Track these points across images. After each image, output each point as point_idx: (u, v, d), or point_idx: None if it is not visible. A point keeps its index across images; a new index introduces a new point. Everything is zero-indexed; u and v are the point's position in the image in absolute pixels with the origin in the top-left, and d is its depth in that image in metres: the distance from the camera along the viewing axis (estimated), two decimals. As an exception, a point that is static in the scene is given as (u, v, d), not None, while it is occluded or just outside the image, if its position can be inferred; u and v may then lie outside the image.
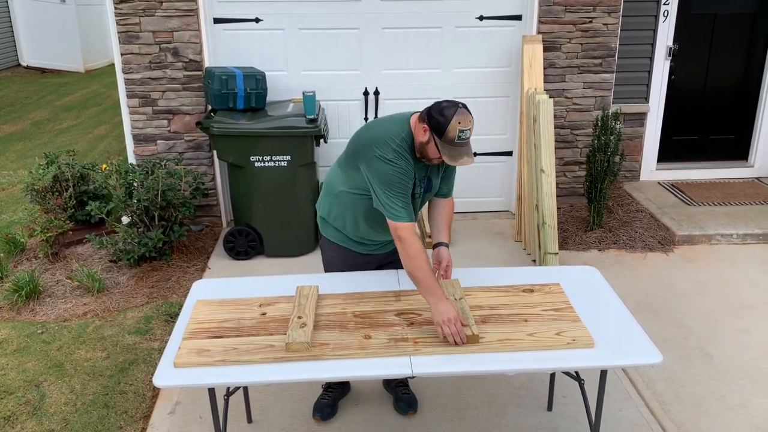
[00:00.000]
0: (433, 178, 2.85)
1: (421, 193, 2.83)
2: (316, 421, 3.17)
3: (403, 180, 2.65)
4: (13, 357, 3.73)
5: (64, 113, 9.54)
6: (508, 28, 5.20)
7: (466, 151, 2.61)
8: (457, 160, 2.58)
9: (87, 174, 5.12)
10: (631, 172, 6.07)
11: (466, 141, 2.59)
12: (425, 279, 2.56)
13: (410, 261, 2.60)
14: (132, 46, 4.90)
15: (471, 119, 2.59)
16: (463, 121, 2.56)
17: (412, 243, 2.61)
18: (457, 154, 2.58)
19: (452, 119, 2.55)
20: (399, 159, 2.65)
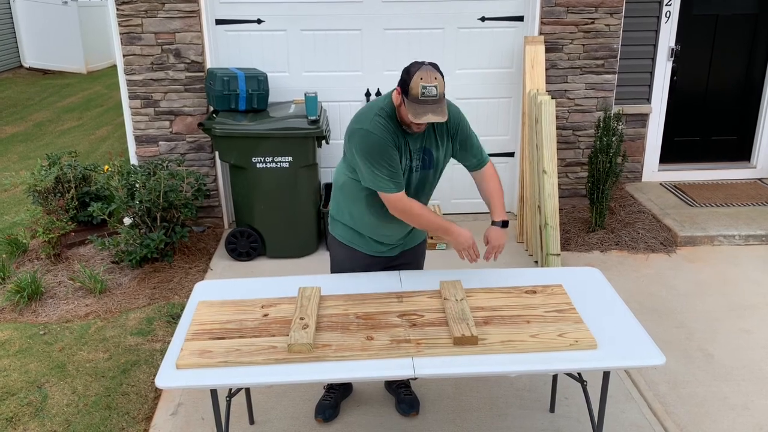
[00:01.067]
0: (434, 150, 2.77)
1: (418, 167, 2.75)
2: (318, 422, 3.17)
3: (383, 149, 2.62)
4: (15, 358, 3.74)
5: (66, 114, 9.55)
6: (510, 29, 5.20)
7: (433, 108, 2.53)
8: (421, 117, 2.52)
9: (89, 175, 5.13)
10: (633, 173, 6.06)
11: (431, 98, 2.53)
12: (436, 227, 2.77)
13: (417, 221, 2.73)
14: (134, 47, 4.90)
15: (436, 76, 2.53)
16: (426, 77, 2.52)
17: (410, 206, 2.69)
18: (422, 111, 2.53)
19: (414, 75, 2.53)
20: (376, 128, 2.63)
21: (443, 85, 2.57)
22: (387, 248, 3.00)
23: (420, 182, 2.83)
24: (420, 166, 2.77)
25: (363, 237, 2.96)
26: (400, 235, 2.98)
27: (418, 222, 2.74)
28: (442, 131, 2.77)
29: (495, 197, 2.94)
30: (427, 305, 2.71)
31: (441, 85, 2.55)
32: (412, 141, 2.72)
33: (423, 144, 2.74)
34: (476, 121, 5.40)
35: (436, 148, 2.78)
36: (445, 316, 2.62)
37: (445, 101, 2.59)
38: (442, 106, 2.56)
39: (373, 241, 2.97)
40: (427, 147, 2.75)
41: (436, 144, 2.77)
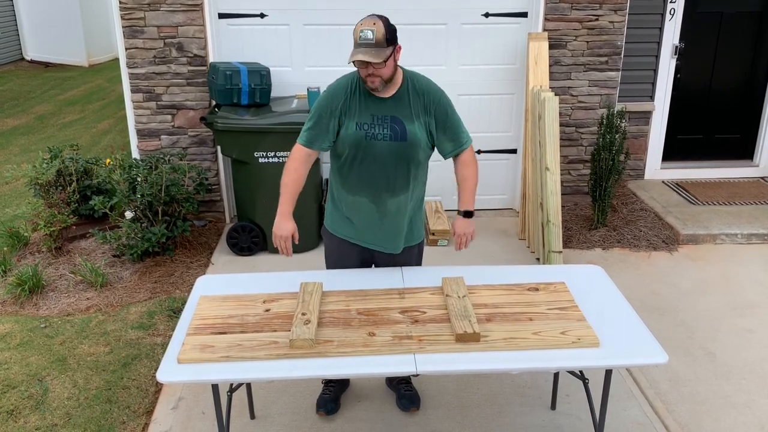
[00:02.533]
0: (407, 122, 2.73)
1: (387, 136, 2.72)
2: (320, 416, 3.17)
3: (321, 102, 2.76)
4: (16, 351, 3.74)
5: (67, 107, 9.54)
6: (513, 25, 5.19)
7: (366, 50, 2.58)
8: (353, 56, 2.59)
9: (90, 168, 5.12)
10: (636, 171, 6.05)
11: (366, 41, 2.58)
12: (282, 193, 2.85)
13: (283, 174, 2.85)
14: (136, 41, 4.89)
15: (375, 22, 2.59)
16: (364, 22, 2.61)
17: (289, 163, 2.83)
18: (355, 53, 2.60)
19: (357, 24, 2.63)
20: (333, 85, 2.77)
21: (382, 31, 2.59)
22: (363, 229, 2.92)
23: (394, 153, 2.75)
24: (389, 135, 2.73)
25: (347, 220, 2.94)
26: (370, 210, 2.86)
27: (284, 173, 2.85)
28: (417, 104, 2.75)
29: (465, 185, 2.91)
30: (429, 302, 2.71)
31: (379, 30, 2.58)
32: (376, 105, 2.72)
33: (393, 112, 2.73)
34: (479, 117, 5.39)
35: (409, 120, 2.74)
36: (447, 312, 2.61)
37: (384, 48, 2.60)
38: (377, 49, 2.59)
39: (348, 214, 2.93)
40: (397, 117, 2.73)
41: (409, 115, 2.74)
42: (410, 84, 2.77)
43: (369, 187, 2.82)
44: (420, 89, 2.77)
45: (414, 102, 2.75)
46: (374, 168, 2.78)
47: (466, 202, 2.93)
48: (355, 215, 2.92)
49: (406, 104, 2.74)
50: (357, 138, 2.73)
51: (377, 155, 2.75)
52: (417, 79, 2.80)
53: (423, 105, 2.75)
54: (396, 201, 2.85)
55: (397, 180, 2.81)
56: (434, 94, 2.78)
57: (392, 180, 2.80)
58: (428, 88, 2.79)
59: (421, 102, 2.75)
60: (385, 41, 2.59)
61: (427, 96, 2.77)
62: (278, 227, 2.86)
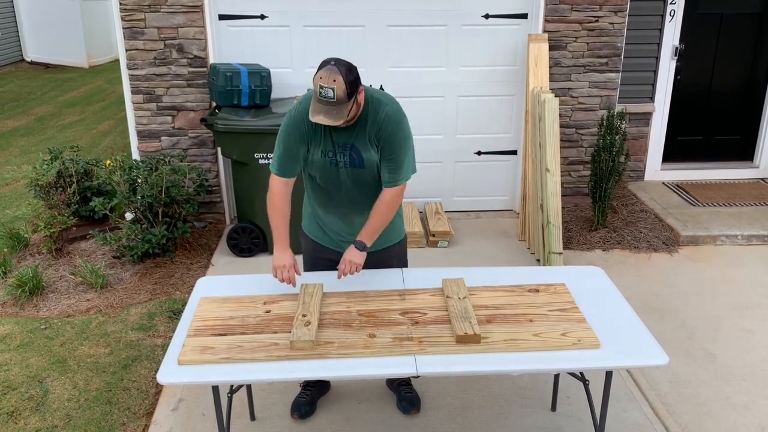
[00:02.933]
0: (363, 150, 2.69)
1: (346, 163, 2.71)
2: (294, 419, 3.16)
3: (286, 132, 2.71)
4: (16, 352, 3.73)
5: (67, 109, 9.54)
6: (513, 27, 5.19)
7: (326, 110, 2.47)
8: (314, 115, 2.50)
9: (91, 170, 5.12)
10: (636, 172, 6.05)
11: (328, 99, 2.46)
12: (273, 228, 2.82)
13: (268, 209, 2.84)
14: (137, 42, 4.89)
15: (336, 78, 2.44)
16: (324, 78, 2.46)
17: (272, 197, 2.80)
18: (316, 110, 2.50)
19: (317, 73, 2.51)
20: (295, 111, 2.70)
21: (344, 88, 2.46)
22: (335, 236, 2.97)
23: (355, 180, 2.76)
24: (349, 162, 2.72)
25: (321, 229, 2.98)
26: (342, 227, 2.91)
27: (268, 210, 2.83)
28: (370, 133, 2.68)
29: (372, 219, 2.79)
30: (429, 303, 2.71)
31: (340, 88, 2.45)
32: (337, 134, 2.70)
33: (352, 141, 2.69)
34: (479, 118, 5.40)
35: (365, 148, 2.70)
36: (448, 314, 2.61)
37: (345, 104, 2.49)
38: (338, 108, 2.49)
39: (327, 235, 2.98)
40: (355, 145, 2.70)
41: (365, 143, 2.70)
42: (370, 110, 2.67)
43: (336, 208, 2.88)
44: (377, 120, 2.67)
45: (369, 130, 2.68)
46: (340, 192, 2.82)
47: (364, 235, 2.80)
48: (327, 227, 2.98)
49: (363, 132, 2.69)
50: (323, 164, 2.75)
51: (341, 181, 2.78)
52: (378, 106, 2.68)
53: (376, 135, 2.69)
54: (363, 218, 2.86)
55: (363, 201, 2.83)
56: (388, 129, 2.67)
57: (358, 202, 2.84)
58: (385, 121, 2.66)
59: (374, 131, 2.68)
60: (346, 96, 2.49)
61: (381, 129, 2.67)
62: (277, 259, 2.80)
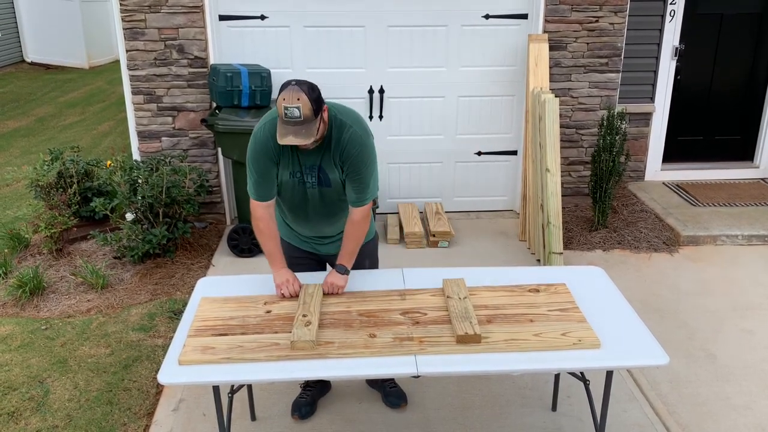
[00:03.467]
0: (329, 171, 2.70)
1: (314, 183, 2.72)
2: (294, 420, 3.17)
3: (257, 155, 2.66)
4: (17, 353, 3.74)
5: (68, 109, 9.55)
6: (514, 27, 5.19)
7: (295, 130, 2.46)
8: (282, 138, 2.47)
9: (91, 170, 5.13)
10: (636, 172, 6.05)
11: (294, 119, 2.45)
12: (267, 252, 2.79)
13: (257, 236, 2.81)
14: (137, 43, 4.89)
15: (299, 97, 2.43)
16: (288, 98, 2.44)
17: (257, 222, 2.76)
18: (284, 132, 2.47)
19: (279, 95, 2.49)
20: (261, 134, 2.65)
21: (309, 106, 2.45)
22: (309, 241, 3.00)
23: (322, 198, 2.78)
24: (316, 182, 2.73)
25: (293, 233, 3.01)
26: (311, 233, 2.96)
27: (257, 237, 2.81)
28: (335, 155, 2.67)
29: (346, 242, 2.82)
30: (430, 303, 2.71)
31: (305, 106, 2.44)
32: (304, 156, 2.67)
33: (319, 162, 2.69)
34: (479, 118, 5.40)
35: (330, 169, 2.70)
36: (448, 314, 2.61)
37: (312, 122, 2.48)
38: (306, 127, 2.47)
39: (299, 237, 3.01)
40: (322, 166, 2.69)
41: (330, 164, 2.70)
42: (334, 132, 2.65)
43: (305, 222, 2.90)
44: (341, 140, 2.65)
45: (334, 152, 2.67)
46: (308, 208, 2.83)
47: (344, 258, 2.82)
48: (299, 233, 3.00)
49: (328, 153, 2.68)
50: (292, 185, 2.76)
51: (309, 199, 2.80)
52: (341, 127, 2.66)
53: (340, 156, 2.68)
54: (332, 228, 2.93)
55: (328, 216, 2.87)
56: (353, 151, 2.65)
57: (324, 216, 2.87)
58: (350, 143, 2.65)
59: (338, 153, 2.67)
60: (312, 114, 2.48)
61: (345, 150, 2.66)
62: (278, 277, 2.77)
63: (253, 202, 2.77)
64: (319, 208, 2.83)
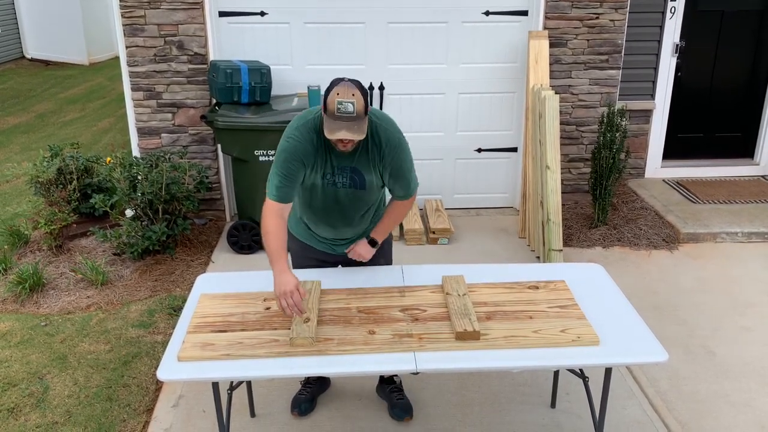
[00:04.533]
0: (365, 172, 2.70)
1: (346, 184, 2.71)
2: (294, 416, 3.17)
3: (286, 158, 2.61)
4: (16, 349, 3.74)
5: (68, 106, 9.54)
6: (514, 24, 5.18)
7: (348, 125, 2.44)
8: (334, 132, 2.45)
9: (91, 167, 5.12)
10: (636, 170, 6.05)
11: (347, 114, 2.43)
12: (270, 253, 2.59)
13: (264, 237, 2.65)
14: (137, 39, 4.89)
15: (354, 93, 2.43)
16: (342, 93, 2.43)
17: (268, 221, 2.63)
18: (336, 127, 2.44)
19: (332, 91, 2.46)
20: (295, 136, 2.62)
21: (362, 102, 2.45)
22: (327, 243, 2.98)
23: (350, 200, 2.77)
24: (349, 183, 2.72)
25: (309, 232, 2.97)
26: (334, 237, 2.94)
27: (263, 237, 2.66)
28: (375, 155, 2.68)
29: (387, 218, 2.90)
30: (429, 300, 2.71)
31: (359, 102, 2.44)
32: (338, 158, 2.66)
33: (354, 164, 2.68)
34: (480, 115, 5.39)
35: (368, 171, 2.70)
36: (448, 311, 2.61)
37: (364, 119, 2.48)
38: (359, 123, 2.46)
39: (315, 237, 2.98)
40: (357, 167, 2.69)
41: (368, 166, 2.70)
42: (370, 132, 2.65)
43: (327, 224, 2.88)
44: (379, 140, 2.66)
45: (372, 153, 2.68)
46: (332, 211, 2.81)
47: (376, 231, 2.89)
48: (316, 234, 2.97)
49: (366, 155, 2.68)
50: (322, 186, 2.73)
51: (336, 200, 2.77)
52: (377, 127, 2.67)
53: (380, 156, 2.68)
54: (353, 229, 2.92)
55: (353, 217, 2.85)
56: (391, 147, 2.68)
57: (348, 218, 2.85)
58: (387, 139, 2.67)
59: (378, 153, 2.68)
60: (364, 111, 2.47)
61: (384, 148, 2.67)
62: (279, 284, 2.51)
63: (270, 202, 2.66)
64: (348, 211, 2.81)
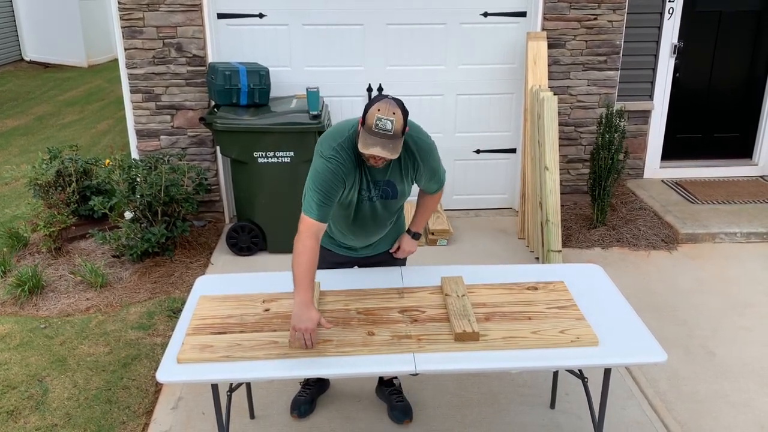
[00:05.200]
0: (398, 183, 2.71)
1: (379, 196, 2.72)
2: (293, 418, 3.17)
3: (328, 178, 2.54)
4: (16, 351, 3.74)
5: (67, 108, 9.54)
6: (512, 25, 5.19)
7: (383, 143, 2.41)
8: (369, 147, 2.41)
9: (90, 169, 5.12)
10: (635, 170, 6.05)
11: (384, 131, 2.40)
12: (298, 277, 2.49)
13: (295, 256, 2.54)
14: (135, 41, 4.89)
15: (395, 111, 2.42)
16: (383, 110, 2.41)
17: (304, 240, 2.54)
18: (371, 143, 2.41)
19: (374, 105, 2.43)
20: (333, 159, 2.55)
21: (401, 122, 2.43)
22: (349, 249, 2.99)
23: (383, 208, 2.78)
24: (381, 195, 2.73)
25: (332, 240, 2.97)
26: (362, 245, 2.96)
27: (294, 257, 2.55)
28: (408, 164, 2.69)
29: (423, 211, 3.01)
30: (428, 301, 2.71)
31: (398, 121, 2.42)
32: (373, 173, 2.66)
33: (387, 177, 2.69)
34: (478, 116, 5.40)
35: (400, 181, 2.72)
36: (447, 311, 2.61)
37: (400, 139, 2.45)
38: (394, 142, 2.43)
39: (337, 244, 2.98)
40: (391, 180, 2.71)
41: (400, 177, 2.71)
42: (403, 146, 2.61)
43: (356, 233, 2.88)
44: (412, 152, 2.67)
45: (406, 165, 2.69)
46: (366, 221, 2.81)
47: (417, 225, 3.02)
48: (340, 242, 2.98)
49: (398, 169, 2.69)
50: (358, 201, 2.73)
51: (367, 212, 2.77)
52: (408, 137, 2.65)
53: (413, 164, 2.70)
54: (380, 234, 2.94)
55: (382, 223, 2.87)
56: (423, 154, 2.69)
57: (379, 224, 2.86)
58: (419, 149, 2.68)
59: (412, 164, 2.70)
60: (401, 131, 2.45)
61: (417, 155, 2.68)
62: (299, 319, 2.39)
63: (308, 220, 2.57)
64: (377, 219, 2.82)
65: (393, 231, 2.99)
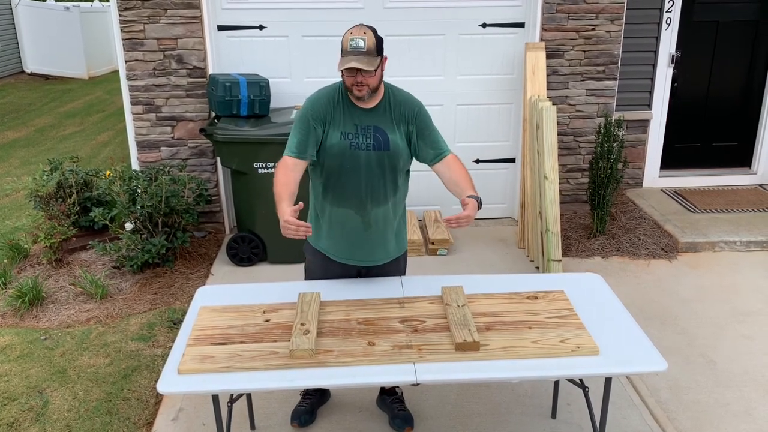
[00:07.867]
0: (389, 131, 2.77)
1: (370, 146, 2.75)
2: (294, 427, 3.16)
3: (305, 114, 2.77)
4: (16, 363, 3.73)
5: (67, 120, 9.57)
6: (511, 36, 5.22)
7: (358, 58, 2.62)
8: (345, 63, 2.62)
9: (90, 180, 5.13)
10: (634, 179, 6.07)
11: (357, 49, 2.63)
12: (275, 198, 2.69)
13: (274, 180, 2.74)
14: (136, 53, 4.92)
15: (366, 31, 2.65)
16: (355, 32, 2.65)
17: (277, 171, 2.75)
18: (346, 60, 2.63)
19: (346, 33, 2.67)
20: (315, 94, 2.81)
21: (373, 40, 2.65)
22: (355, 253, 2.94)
23: (377, 164, 2.78)
24: (373, 145, 2.76)
25: (331, 239, 2.93)
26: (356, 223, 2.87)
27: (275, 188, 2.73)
28: (398, 114, 2.80)
29: (464, 180, 2.80)
30: (428, 311, 2.71)
31: (370, 39, 2.64)
32: (359, 115, 2.77)
33: (376, 123, 2.78)
34: (477, 127, 5.42)
35: (391, 130, 2.79)
36: (447, 321, 2.62)
37: (375, 57, 2.65)
38: (369, 58, 2.63)
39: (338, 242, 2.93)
40: (379, 127, 2.78)
41: (391, 125, 2.80)
42: (391, 96, 2.83)
43: (353, 197, 2.83)
44: (400, 100, 2.83)
45: (395, 112, 2.81)
46: (358, 178, 2.80)
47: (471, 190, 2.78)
48: (339, 229, 2.91)
49: (387, 114, 2.80)
50: (341, 148, 2.76)
51: (361, 165, 2.78)
52: (397, 91, 2.86)
53: (403, 115, 2.81)
54: (380, 210, 2.87)
55: (380, 189, 2.83)
56: (414, 105, 2.85)
57: (376, 189, 2.82)
58: (408, 99, 2.86)
59: (401, 112, 2.81)
60: (375, 49, 2.65)
61: (406, 106, 2.83)
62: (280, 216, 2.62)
63: (285, 158, 2.77)
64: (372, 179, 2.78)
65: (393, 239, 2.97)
